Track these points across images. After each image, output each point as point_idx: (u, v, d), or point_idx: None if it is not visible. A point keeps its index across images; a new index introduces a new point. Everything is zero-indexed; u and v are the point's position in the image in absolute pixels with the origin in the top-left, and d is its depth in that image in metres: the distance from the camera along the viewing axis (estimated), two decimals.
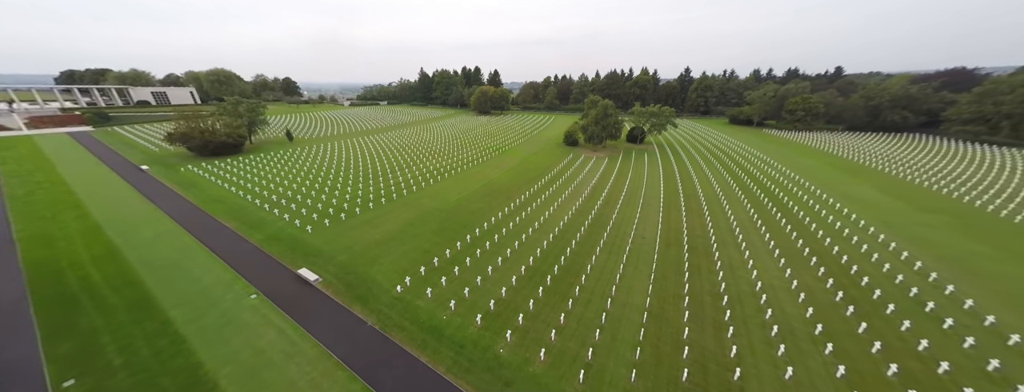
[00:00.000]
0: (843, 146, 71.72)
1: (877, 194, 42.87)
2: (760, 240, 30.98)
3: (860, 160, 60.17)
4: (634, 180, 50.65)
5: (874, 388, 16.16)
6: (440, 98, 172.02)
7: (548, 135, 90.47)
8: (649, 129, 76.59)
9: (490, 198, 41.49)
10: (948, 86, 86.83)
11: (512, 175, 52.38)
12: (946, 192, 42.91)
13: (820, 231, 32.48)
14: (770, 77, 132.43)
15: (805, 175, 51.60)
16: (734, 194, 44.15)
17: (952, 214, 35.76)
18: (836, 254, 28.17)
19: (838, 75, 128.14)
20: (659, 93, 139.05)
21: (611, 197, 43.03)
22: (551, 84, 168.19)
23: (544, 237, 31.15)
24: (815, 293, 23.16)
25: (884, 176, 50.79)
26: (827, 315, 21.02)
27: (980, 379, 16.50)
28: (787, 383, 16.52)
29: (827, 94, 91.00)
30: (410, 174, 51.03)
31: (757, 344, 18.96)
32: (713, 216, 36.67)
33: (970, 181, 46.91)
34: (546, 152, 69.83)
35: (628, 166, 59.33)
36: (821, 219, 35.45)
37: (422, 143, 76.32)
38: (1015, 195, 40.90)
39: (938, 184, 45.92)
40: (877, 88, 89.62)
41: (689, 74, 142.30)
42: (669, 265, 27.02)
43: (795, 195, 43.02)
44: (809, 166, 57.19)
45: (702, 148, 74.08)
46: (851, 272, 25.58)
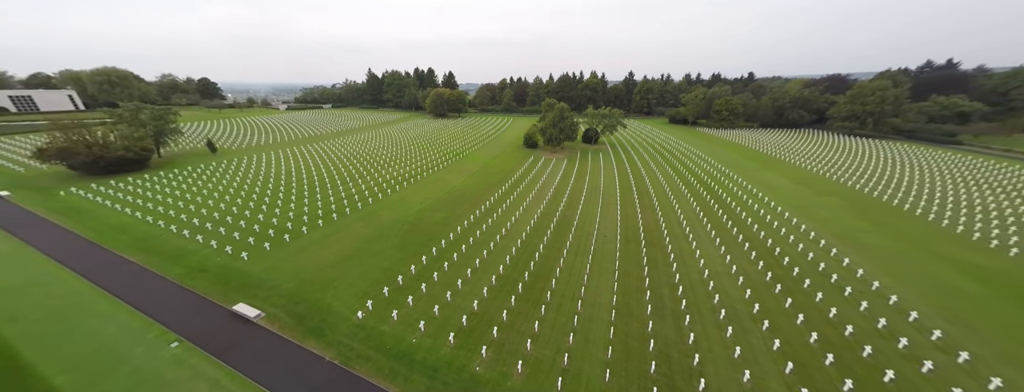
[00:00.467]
0: (758, 141, 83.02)
1: (788, 182, 50.26)
2: (703, 230, 34.33)
3: (772, 153, 70.11)
4: (592, 180, 53.00)
5: (802, 355, 18.69)
6: (392, 101, 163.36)
7: (508, 138, 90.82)
8: (602, 130, 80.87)
9: (454, 206, 40.22)
10: (830, 89, 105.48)
11: (475, 181, 51.47)
12: (835, 178, 51.83)
13: (748, 218, 37.04)
14: (699, 81, 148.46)
15: (733, 168, 58.67)
16: (678, 188, 48.50)
17: (842, 196, 43.29)
18: (763, 238, 32.30)
19: (751, 79, 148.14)
20: (608, 95, 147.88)
21: (573, 198, 44.46)
22: (507, 86, 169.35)
23: (512, 243, 30.98)
24: (751, 276, 26.23)
25: (792, 166, 59.79)
26: (762, 295, 23.90)
27: (874, 337, 20.02)
28: (736, 361, 18.37)
29: (744, 96, 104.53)
30: (364, 185, 47.44)
31: (710, 328, 20.84)
32: (663, 210, 39.80)
33: (850, 167, 57.35)
34: (508, 155, 69.98)
35: (586, 166, 61.97)
36: (748, 207, 40.48)
37: (376, 150, 71.61)
38: (882, 178, 50.96)
39: (829, 172, 55.29)
40: (780, 91, 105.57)
41: (632, 78, 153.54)
42: (630, 260, 28.59)
43: (726, 186, 48.60)
44: (734, 160, 65.14)
45: (648, 146, 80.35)
46: (775, 253, 29.49)
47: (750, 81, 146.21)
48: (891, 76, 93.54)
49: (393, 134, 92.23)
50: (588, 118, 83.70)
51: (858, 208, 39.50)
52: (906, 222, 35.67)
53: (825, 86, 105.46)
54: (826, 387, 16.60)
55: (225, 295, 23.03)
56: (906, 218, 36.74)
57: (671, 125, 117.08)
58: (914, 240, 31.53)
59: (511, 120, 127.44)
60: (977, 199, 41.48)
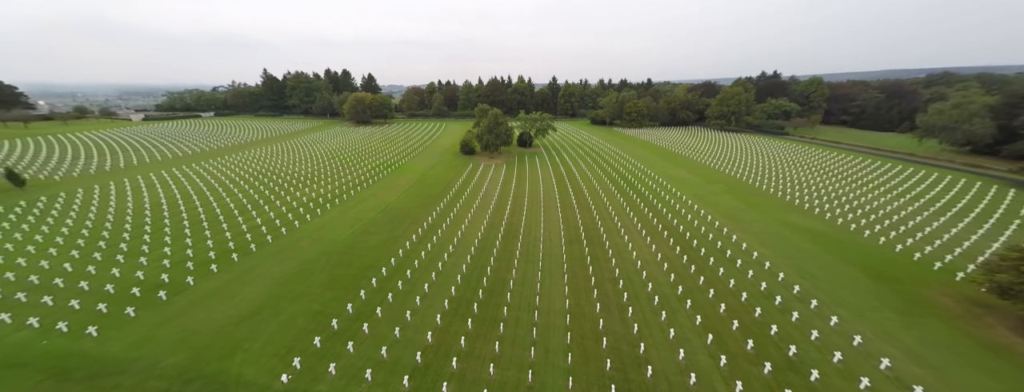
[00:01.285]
0: (660, 138, 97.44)
1: (686, 174, 60.00)
2: (631, 223, 38.43)
3: (672, 148, 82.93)
4: (532, 184, 54.62)
5: (717, 326, 22.21)
6: (300, 106, 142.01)
7: (443, 144, 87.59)
8: (535, 134, 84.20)
9: (392, 226, 36.76)
10: (705, 94, 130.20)
11: (413, 195, 48.04)
12: (717, 167, 63.98)
13: (663, 208, 42.90)
14: (611, 85, 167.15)
15: (645, 163, 67.47)
16: (606, 185, 53.48)
17: (724, 183, 53.57)
18: (676, 225, 37.73)
19: (649, 84, 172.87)
20: (536, 99, 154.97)
21: (517, 204, 45.03)
22: (437, 90, 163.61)
23: (462, 260, 29.70)
24: (672, 261, 30.26)
25: (687, 159, 71.58)
26: (682, 277, 27.75)
27: (761, 298, 25.01)
28: (672, 342, 20.85)
29: (646, 100, 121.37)
30: (275, 212, 39.96)
31: (648, 316, 23.25)
32: (597, 208, 43.27)
33: (725, 157, 71.59)
34: (445, 164, 67.34)
35: (525, 170, 63.60)
36: (661, 198, 46.91)
37: (287, 166, 61.22)
38: (745, 165, 64.86)
39: (713, 162, 67.98)
40: (672, 95, 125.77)
41: (556, 82, 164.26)
42: (576, 261, 30.16)
43: (642, 180, 55.53)
44: (645, 156, 75.06)
45: (576, 147, 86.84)
46: (686, 237, 34.71)
47: (649, 86, 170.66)
48: (742, 83, 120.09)
49: (307, 146, 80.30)
50: (521, 122, 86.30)
51: (736, 191, 49.35)
52: (765, 199, 45.96)
53: (701, 91, 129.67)
54: (736, 350, 20.01)
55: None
56: (764, 196, 47.35)
57: (593, 126, 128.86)
58: (772, 214, 40.78)
59: (443, 125, 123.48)
60: (803, 177, 56.00)
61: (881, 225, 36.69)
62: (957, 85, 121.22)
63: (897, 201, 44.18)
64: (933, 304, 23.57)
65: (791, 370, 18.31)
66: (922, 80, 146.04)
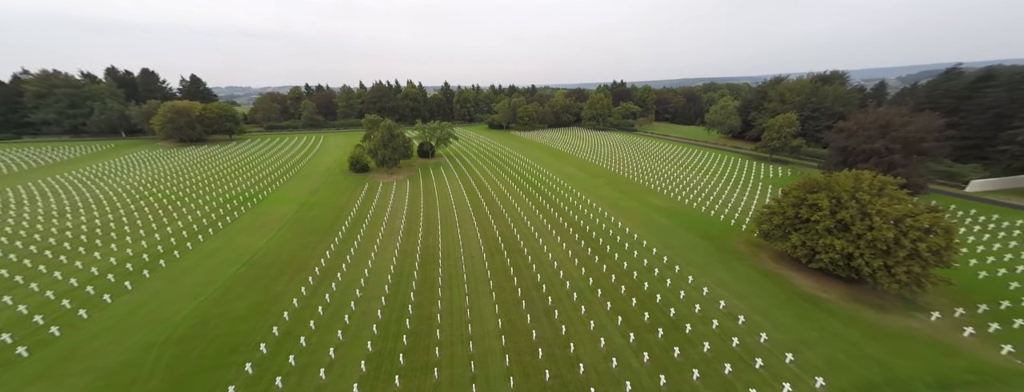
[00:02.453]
0: (551, 139, 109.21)
1: (576, 171, 69.17)
2: (541, 224, 41.52)
3: (561, 148, 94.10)
4: (442, 198, 52.17)
5: (623, 307, 26.32)
6: (57, 122, 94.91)
7: (326, 162, 74.09)
8: (436, 143, 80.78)
9: (267, 281, 28.63)
10: (578, 98, 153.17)
11: (293, 232, 38.71)
12: (597, 163, 76.35)
13: (564, 206, 48.10)
14: (502, 90, 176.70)
15: (542, 164, 74.31)
16: (514, 190, 56.19)
17: (605, 177, 64.27)
18: (576, 220, 42.89)
19: (534, 90, 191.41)
20: (430, 105, 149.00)
21: (430, 222, 42.09)
22: (305, 95, 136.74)
23: (374, 305, 25.66)
24: (579, 254, 34.20)
25: (574, 158, 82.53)
26: (590, 268, 31.67)
27: (645, 272, 30.99)
28: (593, 333, 23.52)
29: (534, 105, 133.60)
30: (31, 301, 25.30)
31: (571, 313, 25.53)
32: (510, 214, 44.89)
33: (601, 154, 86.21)
34: (333, 187, 57.00)
35: (432, 184, 60.14)
36: (561, 196, 52.55)
37: (47, 222, 39.80)
38: (615, 159, 79.58)
39: (593, 158, 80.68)
40: (554, 101, 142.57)
41: (449, 87, 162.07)
42: (500, 275, 30.39)
43: (543, 181, 60.99)
44: (542, 157, 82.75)
45: (479, 153, 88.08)
46: (586, 230, 39.91)
47: (533, 91, 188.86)
48: (602, 90, 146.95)
49: (86, 184, 54.25)
50: (420, 132, 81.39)
51: (613, 183, 59.88)
52: (633, 187, 57.46)
53: (575, 97, 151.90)
54: (639, 324, 24.16)
55: None
56: (632, 184, 59.18)
57: (491, 130, 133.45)
58: (639, 198, 51.33)
59: (320, 139, 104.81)
60: (651, 165, 72.77)
61: (700, 196, 51.12)
62: (719, 91, 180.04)
63: (704, 177, 62.47)
64: (735, 251, 34.32)
65: (674, 329, 23.33)
66: (701, 87, 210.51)
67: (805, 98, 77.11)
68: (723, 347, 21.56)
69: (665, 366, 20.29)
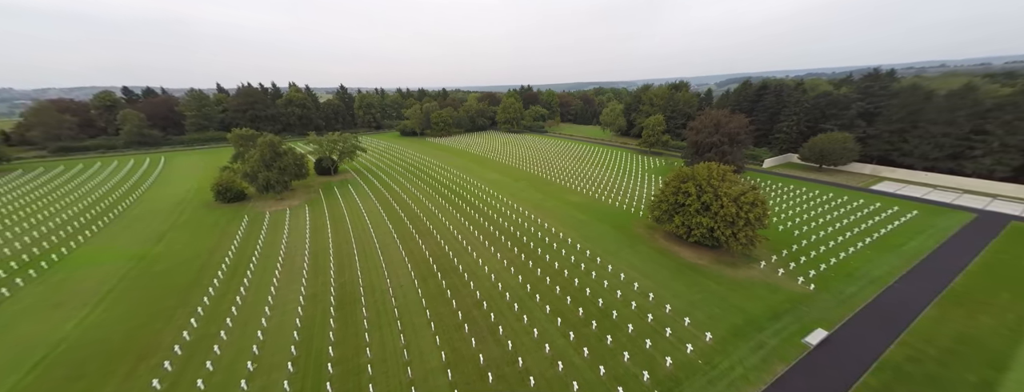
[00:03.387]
0: (470, 144, 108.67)
1: (499, 176, 70.45)
2: (473, 236, 40.60)
3: (481, 153, 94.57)
4: (356, 222, 45.62)
5: (560, 306, 27.77)
6: None
7: (175, 193, 56.06)
8: (339, 157, 70.31)
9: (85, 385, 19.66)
10: (492, 103, 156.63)
11: (126, 304, 27.87)
12: (517, 166, 79.56)
13: (492, 213, 48.27)
14: (411, 94, 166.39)
15: (464, 171, 73.13)
16: (438, 202, 53.45)
17: (526, 180, 67.34)
18: (506, 226, 43.58)
19: (446, 93, 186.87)
20: (325, 112, 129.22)
21: (342, 254, 36.18)
22: (123, 102, 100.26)
23: (278, 376, 20.49)
24: (513, 262, 34.74)
25: (496, 162, 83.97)
26: (524, 273, 32.45)
27: (570, 266, 33.53)
28: (538, 342, 24.13)
29: (449, 110, 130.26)
30: None
31: (515, 325, 25.62)
32: (438, 230, 42.39)
33: (520, 156, 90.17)
34: (193, 225, 43.37)
35: (339, 207, 51.94)
36: (487, 203, 52.63)
37: None
38: (533, 161, 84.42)
39: (513, 162, 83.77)
40: (468, 105, 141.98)
41: (346, 91, 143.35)
42: (436, 300, 28.29)
43: (468, 189, 60.01)
44: (463, 164, 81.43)
45: (395, 164, 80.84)
46: (516, 235, 40.94)
47: (446, 94, 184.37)
48: (513, 94, 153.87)
49: None
50: (316, 146, 69.27)
51: (535, 185, 63.23)
52: (552, 187, 61.91)
53: (488, 101, 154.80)
54: (575, 321, 25.94)
55: None
56: (551, 184, 63.73)
57: (404, 138, 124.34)
58: (559, 197, 55.62)
59: (160, 161, 79.49)
60: (565, 164, 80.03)
61: (606, 189, 58.69)
62: (606, 95, 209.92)
63: (607, 171, 72.06)
64: (638, 236, 40.54)
65: (605, 318, 25.92)
66: (592, 91, 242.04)
67: (665, 102, 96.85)
68: (642, 325, 24.99)
69: (602, 356, 22.27)
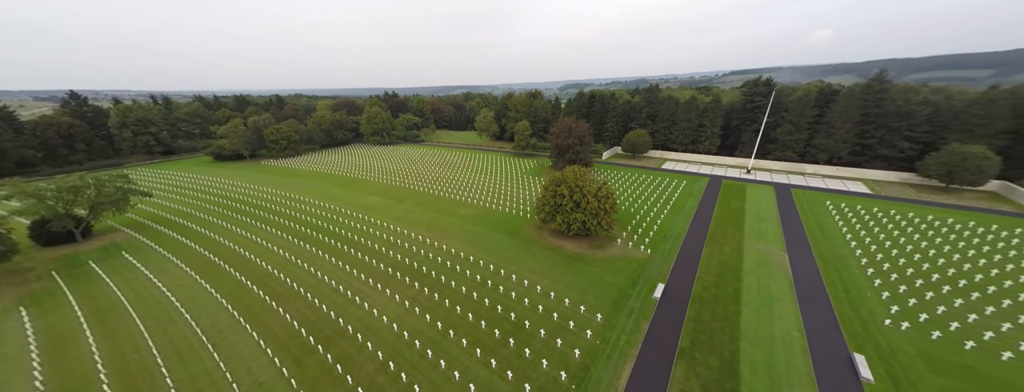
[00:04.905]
0: (331, 163, 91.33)
1: (379, 199, 62.26)
2: (361, 284, 34.24)
3: (350, 173, 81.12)
4: (149, 311, 30.23)
5: (477, 334, 27.12)
6: None
7: None
8: (92, 213, 44.64)
9: None
10: (350, 111, 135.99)
11: None
12: (400, 184, 72.53)
13: (379, 246, 42.22)
14: (221, 103, 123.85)
15: (332, 199, 60.85)
16: (301, 249, 42.24)
17: (413, 199, 62.22)
18: (400, 258, 39.02)
19: (282, 102, 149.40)
20: (45, 138, 79.81)
21: (131, 374, 23.28)
22: None
23: None
24: (416, 298, 31.50)
25: (372, 183, 73.69)
26: (431, 309, 29.94)
27: (480, 287, 33.57)
28: (461, 384, 22.80)
29: (291, 123, 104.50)
30: None
31: (433, 376, 23.25)
32: (306, 287, 33.50)
33: (398, 172, 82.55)
34: None
35: (106, 293, 33.06)
36: (371, 235, 45.68)
37: None
38: (415, 175, 79.06)
39: (393, 180, 75.86)
40: (320, 116, 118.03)
41: (85, 102, 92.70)
42: (321, 384, 22.32)
43: (341, 223, 50.25)
44: (329, 190, 67.61)
45: (213, 206, 58.52)
46: (413, 266, 37.34)
47: (282, 102, 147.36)
48: (376, 103, 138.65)
49: None
50: (29, 202, 41.20)
51: (423, 203, 59.28)
52: (441, 202, 59.81)
53: (346, 109, 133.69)
54: (493, 345, 25.95)
55: None
56: (440, 199, 61.47)
57: (222, 164, 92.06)
58: (450, 212, 54.35)
59: None
60: (450, 174, 78.87)
61: (493, 196, 61.63)
62: (475, 100, 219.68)
63: (491, 178, 75.74)
64: (530, 238, 44.56)
65: (519, 331, 27.13)
66: (462, 96, 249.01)
67: (527, 109, 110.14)
68: (551, 325, 27.59)
69: (524, 371, 23.22)
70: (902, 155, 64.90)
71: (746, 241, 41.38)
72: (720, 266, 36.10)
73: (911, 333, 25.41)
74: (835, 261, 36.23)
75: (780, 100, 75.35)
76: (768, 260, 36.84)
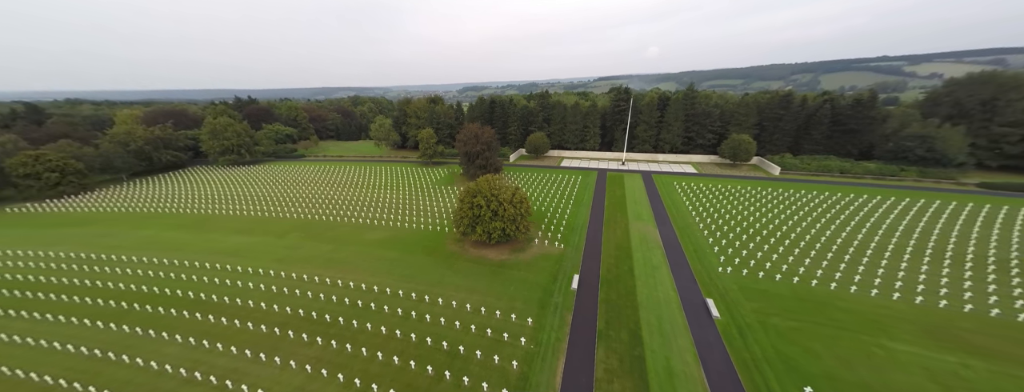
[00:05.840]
0: (159, 201, 66.25)
1: (244, 238, 48.42)
2: (227, 356, 26.03)
3: (193, 210, 60.54)
4: None
5: (411, 379, 24.17)
6: None
7: None
8: None
9: None
10: (177, 124, 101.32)
11: None
12: (275, 213, 58.22)
13: (258, 301, 32.98)
14: None
15: (168, 253, 43.92)
16: (113, 336, 29.03)
17: (298, 230, 50.77)
18: (293, 313, 31.38)
19: (40, 113, 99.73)
20: None
21: None
22: None
23: None
24: (329, 360, 25.88)
25: (231, 217, 56.50)
26: (352, 369, 25.20)
27: (405, 322, 30.22)
28: None
29: (67, 144, 70.47)
30: None
31: None
32: (133, 390, 23.30)
33: (270, 197, 66.40)
34: None
35: None
36: (245, 291, 35.10)
37: None
38: (304, 199, 65.16)
39: (263, 209, 60.38)
40: (115, 132, 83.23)
41: None
42: None
43: (184, 281, 37.02)
44: (154, 239, 48.67)
45: None
46: (314, 318, 30.63)
47: (40, 115, 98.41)
48: (223, 111, 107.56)
49: None
50: None
51: (313, 233, 49.19)
52: (340, 229, 50.90)
53: (172, 121, 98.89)
54: (428, 384, 23.80)
55: None
56: (338, 226, 52.40)
57: None
58: (355, 239, 46.88)
59: None
60: (346, 194, 68.31)
61: (405, 213, 56.75)
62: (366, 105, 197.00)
63: (397, 192, 69.47)
64: (453, 253, 42.96)
65: (454, 358, 25.78)
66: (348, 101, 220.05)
67: (429, 115, 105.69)
68: (486, 343, 27.32)
69: None
70: (709, 143, 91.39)
71: (630, 223, 50.61)
72: (617, 248, 42.99)
73: (734, 275, 36.11)
74: (685, 229, 48.18)
75: (635, 104, 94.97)
76: (646, 236, 46.02)
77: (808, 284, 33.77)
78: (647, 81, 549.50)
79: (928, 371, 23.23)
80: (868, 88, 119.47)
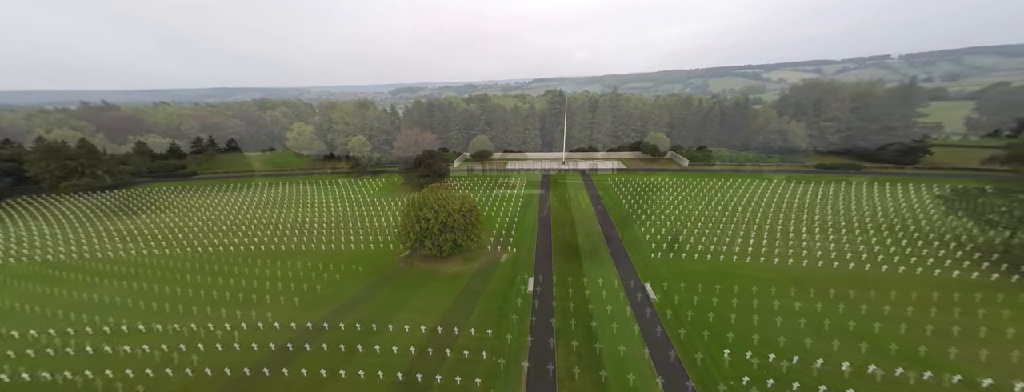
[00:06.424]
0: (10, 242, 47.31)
1: (124, 285, 37.83)
2: None
3: (37, 254, 44.81)
4: None
5: None
6: None
7: None
8: None
9: None
10: None
11: None
12: (161, 252, 46.53)
13: (164, 370, 26.05)
14: None
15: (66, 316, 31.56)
16: None
17: (203, 271, 41.45)
18: (193, 374, 25.63)
19: None
20: None
21: None
22: None
23: None
24: None
25: (104, 260, 43.47)
26: None
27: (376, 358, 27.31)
28: None
29: None
30: None
31: None
32: None
33: (155, 232, 53.02)
34: None
35: None
36: (120, 358, 27.42)
37: None
38: (211, 227, 53.21)
39: (139, 251, 47.75)
40: None
41: None
42: None
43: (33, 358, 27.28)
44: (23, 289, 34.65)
45: None
46: (226, 375, 25.54)
47: None
48: (67, 121, 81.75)
49: None
50: None
51: (222, 270, 40.83)
52: (261, 258, 43.28)
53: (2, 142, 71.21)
54: None
55: None
56: (256, 255, 44.32)
57: None
58: (278, 273, 40.53)
59: None
60: (260, 217, 58.24)
61: (344, 232, 50.95)
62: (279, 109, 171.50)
63: (329, 210, 62.06)
64: (402, 271, 40.08)
65: (416, 388, 24.07)
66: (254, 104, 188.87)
67: (359, 121, 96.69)
68: (448, 365, 26.15)
69: None
70: (633, 140, 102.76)
71: (575, 220, 53.92)
72: (565, 246, 45.33)
73: (663, 259, 41.24)
74: (623, 221, 53.32)
75: (569, 106, 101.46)
76: (590, 232, 49.59)
77: (718, 259, 40.36)
78: (577, 83, 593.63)
79: (799, 313, 29.82)
80: (741, 92, 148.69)
